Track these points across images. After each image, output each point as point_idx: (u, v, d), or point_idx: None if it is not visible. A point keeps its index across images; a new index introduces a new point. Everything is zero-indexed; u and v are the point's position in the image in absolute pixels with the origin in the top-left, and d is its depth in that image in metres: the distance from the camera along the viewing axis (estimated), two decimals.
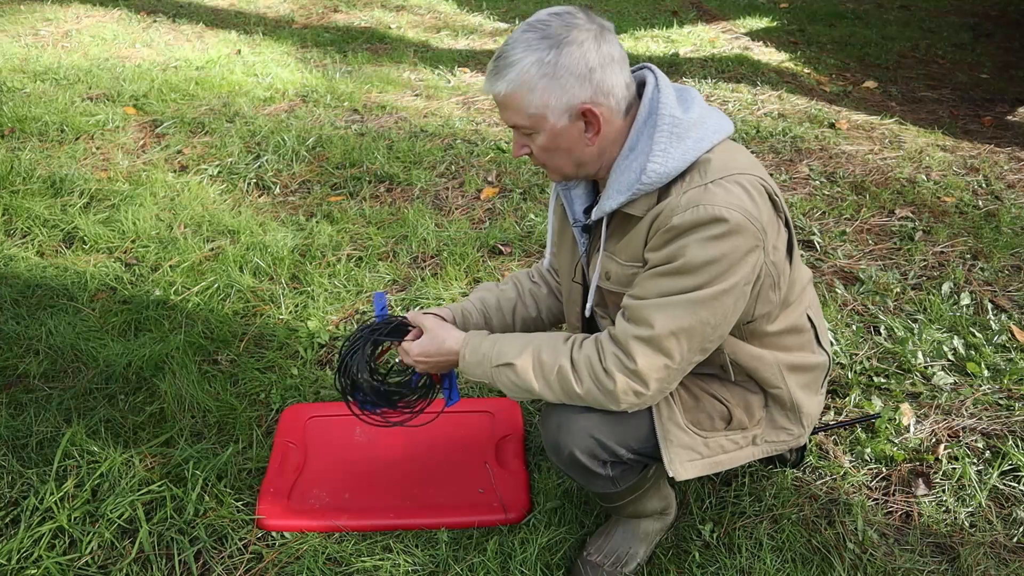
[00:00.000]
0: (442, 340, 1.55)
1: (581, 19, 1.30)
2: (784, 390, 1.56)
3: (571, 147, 1.37)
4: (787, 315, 1.53)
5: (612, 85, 1.32)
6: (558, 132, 1.34)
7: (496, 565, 1.75)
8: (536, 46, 1.28)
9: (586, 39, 1.28)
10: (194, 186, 3.44)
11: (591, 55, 1.29)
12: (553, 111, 1.32)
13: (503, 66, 1.31)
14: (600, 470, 1.52)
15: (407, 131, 4.08)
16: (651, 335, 1.32)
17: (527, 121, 1.34)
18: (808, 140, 3.93)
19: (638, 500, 1.68)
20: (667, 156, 1.32)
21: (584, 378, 1.39)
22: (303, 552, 1.78)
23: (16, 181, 3.38)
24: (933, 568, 1.76)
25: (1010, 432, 2.12)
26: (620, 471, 1.56)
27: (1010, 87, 4.93)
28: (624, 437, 1.49)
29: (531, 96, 1.31)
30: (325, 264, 2.92)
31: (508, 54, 1.31)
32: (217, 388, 2.29)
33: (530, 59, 1.28)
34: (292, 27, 6.06)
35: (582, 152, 1.38)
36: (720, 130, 1.38)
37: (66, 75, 4.68)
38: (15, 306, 2.66)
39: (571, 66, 1.28)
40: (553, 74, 1.28)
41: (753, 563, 1.76)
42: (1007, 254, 2.96)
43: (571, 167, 1.42)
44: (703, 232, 1.28)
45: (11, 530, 1.80)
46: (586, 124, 1.34)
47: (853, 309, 2.66)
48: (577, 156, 1.39)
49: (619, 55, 1.33)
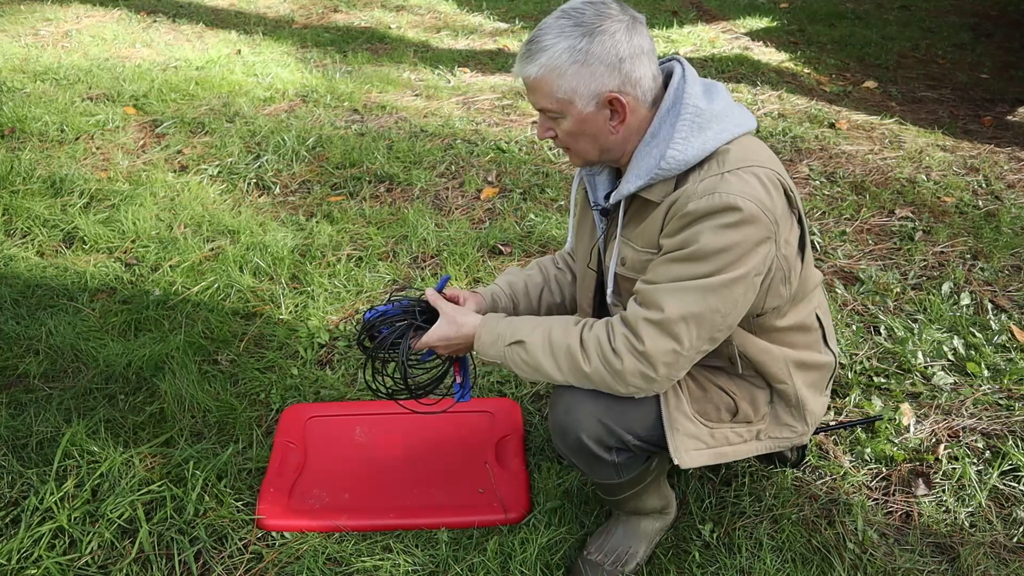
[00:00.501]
0: (460, 324, 1.57)
1: (615, 9, 1.33)
2: (790, 386, 1.57)
3: (596, 133, 1.40)
4: (797, 312, 1.54)
5: (640, 76, 1.35)
6: (585, 118, 1.37)
7: (496, 565, 1.75)
8: (569, 33, 1.32)
9: (618, 29, 1.32)
10: (194, 186, 3.44)
11: (622, 45, 1.32)
12: (581, 97, 1.35)
13: (535, 50, 1.34)
14: (605, 455, 1.53)
15: (407, 131, 4.08)
16: (661, 318, 1.34)
17: (555, 105, 1.37)
18: (808, 140, 3.93)
19: (639, 495, 1.68)
20: (687, 144, 1.35)
21: (592, 357, 1.40)
22: (303, 552, 1.78)
23: (16, 181, 3.38)
24: (933, 568, 1.76)
25: (1010, 432, 2.12)
26: (625, 459, 1.56)
27: (1010, 87, 4.93)
28: (631, 424, 1.50)
29: (561, 81, 1.34)
30: (325, 264, 2.92)
31: (541, 39, 1.34)
32: (217, 388, 2.29)
33: (563, 45, 1.32)
34: (292, 27, 6.06)
35: (606, 139, 1.41)
36: (742, 124, 1.40)
37: (66, 75, 4.67)
38: (15, 306, 2.66)
39: (602, 55, 1.31)
40: (584, 61, 1.32)
41: (753, 563, 1.76)
42: (1007, 254, 2.96)
43: (595, 153, 1.44)
44: (717, 219, 1.31)
45: (11, 530, 1.80)
46: (612, 112, 1.37)
47: (853, 309, 2.66)
48: (602, 142, 1.42)
49: (648, 47, 1.36)
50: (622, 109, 1.36)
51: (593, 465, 1.57)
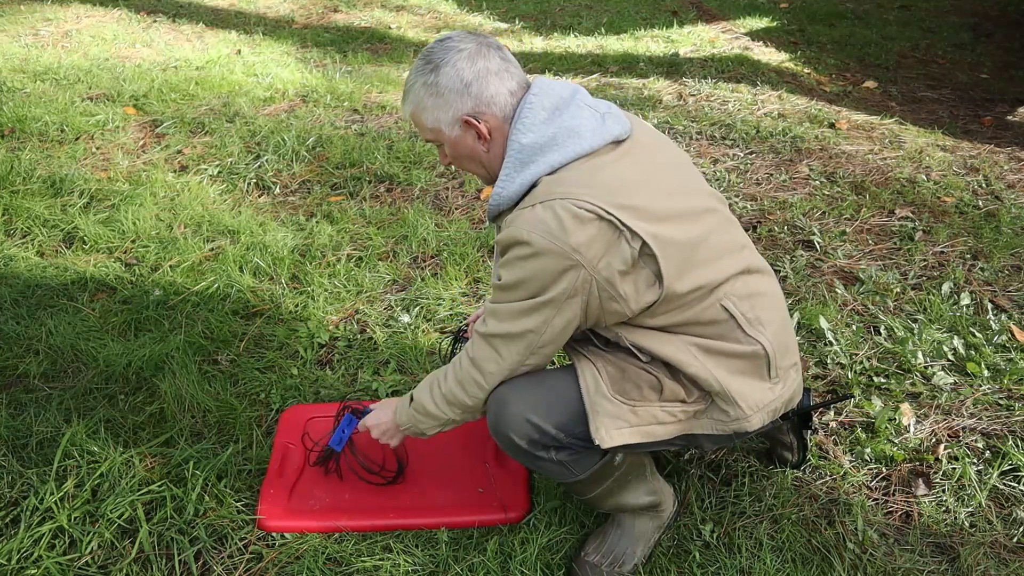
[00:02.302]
0: (385, 404, 1.79)
1: (458, 41, 1.47)
2: (704, 371, 1.51)
3: (470, 154, 1.54)
4: (680, 312, 1.49)
5: (492, 94, 1.47)
6: (455, 141, 1.52)
7: (496, 565, 1.75)
8: (421, 70, 1.48)
9: (460, 59, 1.46)
10: (194, 186, 3.44)
11: (465, 71, 1.45)
12: (446, 124, 1.50)
13: (405, 92, 1.53)
14: (543, 454, 1.55)
15: (407, 131, 4.08)
16: (486, 331, 1.50)
17: (431, 136, 1.54)
18: (808, 140, 3.92)
19: (612, 492, 1.68)
20: (509, 181, 1.48)
21: (449, 375, 1.58)
22: (303, 552, 1.78)
23: (16, 181, 3.38)
24: (933, 568, 1.76)
25: (1010, 432, 2.12)
26: (568, 456, 1.57)
27: (1010, 87, 4.93)
28: (560, 419, 1.52)
29: (426, 114, 1.50)
30: (325, 264, 2.92)
31: (407, 81, 1.52)
32: (217, 388, 2.29)
33: (420, 82, 1.49)
34: (292, 27, 6.07)
35: (482, 156, 1.54)
36: (577, 148, 1.45)
37: (66, 75, 4.68)
38: (15, 306, 2.66)
39: (448, 84, 1.46)
40: (436, 92, 1.47)
41: (753, 563, 1.76)
42: (1007, 254, 2.96)
43: (481, 170, 1.58)
44: (512, 253, 1.42)
45: (11, 530, 1.81)
46: (477, 133, 1.50)
47: (853, 309, 2.66)
48: (480, 160, 1.54)
49: (496, 67, 1.47)
50: (476, 128, 1.48)
51: (536, 463, 1.59)
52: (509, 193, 1.48)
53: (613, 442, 1.51)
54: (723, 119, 4.18)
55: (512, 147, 1.46)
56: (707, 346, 1.53)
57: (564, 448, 1.56)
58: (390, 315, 2.66)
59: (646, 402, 1.54)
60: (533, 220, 1.39)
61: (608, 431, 1.51)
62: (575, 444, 1.55)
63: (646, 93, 4.56)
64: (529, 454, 1.56)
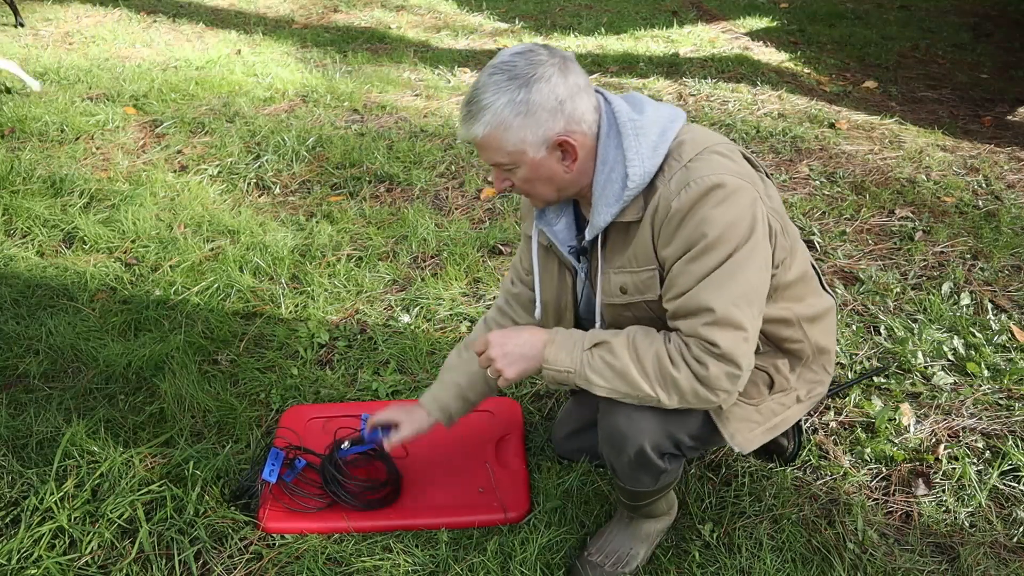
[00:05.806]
0: (519, 329, 1.52)
1: (543, 55, 1.36)
2: (806, 343, 1.59)
3: (551, 176, 1.43)
4: (799, 262, 1.56)
5: (583, 111, 1.39)
6: (538, 164, 1.40)
7: (496, 565, 1.75)
8: (506, 87, 1.34)
9: (552, 74, 1.35)
10: (194, 186, 3.44)
11: (559, 88, 1.35)
12: (531, 146, 1.38)
13: (477, 110, 1.37)
14: (659, 463, 1.55)
15: (407, 131, 4.08)
16: (716, 317, 1.34)
17: (507, 159, 1.40)
18: (808, 140, 3.92)
19: (658, 501, 1.70)
20: (641, 157, 1.38)
21: (680, 364, 1.38)
22: (303, 552, 1.78)
23: (16, 181, 3.38)
24: (933, 568, 1.76)
25: (1010, 432, 2.12)
26: (672, 465, 1.58)
27: (1010, 87, 4.93)
28: (689, 426, 1.52)
29: (508, 135, 1.37)
30: (325, 264, 2.92)
31: (479, 98, 1.36)
32: (217, 388, 2.29)
33: (503, 100, 1.34)
34: (292, 27, 6.07)
35: (562, 179, 1.44)
36: (676, 118, 1.45)
37: (66, 75, 4.68)
38: (15, 306, 2.66)
39: (542, 101, 1.34)
40: (527, 111, 1.34)
41: (753, 563, 1.76)
42: (1007, 254, 2.96)
43: (553, 193, 1.47)
44: (707, 204, 1.34)
45: (11, 530, 1.80)
46: (563, 153, 1.41)
47: (853, 309, 2.66)
48: (558, 183, 1.45)
49: (584, 83, 1.40)
50: (572, 149, 1.39)
51: (638, 474, 1.57)
52: (646, 168, 1.38)
53: (752, 445, 1.54)
54: (723, 119, 4.18)
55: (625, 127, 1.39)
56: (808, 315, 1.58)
57: (677, 456, 1.57)
58: (390, 315, 2.66)
59: (763, 398, 1.58)
60: (710, 165, 1.36)
61: (743, 435, 1.53)
62: (690, 449, 1.56)
63: (646, 93, 4.55)
64: (648, 464, 1.53)
